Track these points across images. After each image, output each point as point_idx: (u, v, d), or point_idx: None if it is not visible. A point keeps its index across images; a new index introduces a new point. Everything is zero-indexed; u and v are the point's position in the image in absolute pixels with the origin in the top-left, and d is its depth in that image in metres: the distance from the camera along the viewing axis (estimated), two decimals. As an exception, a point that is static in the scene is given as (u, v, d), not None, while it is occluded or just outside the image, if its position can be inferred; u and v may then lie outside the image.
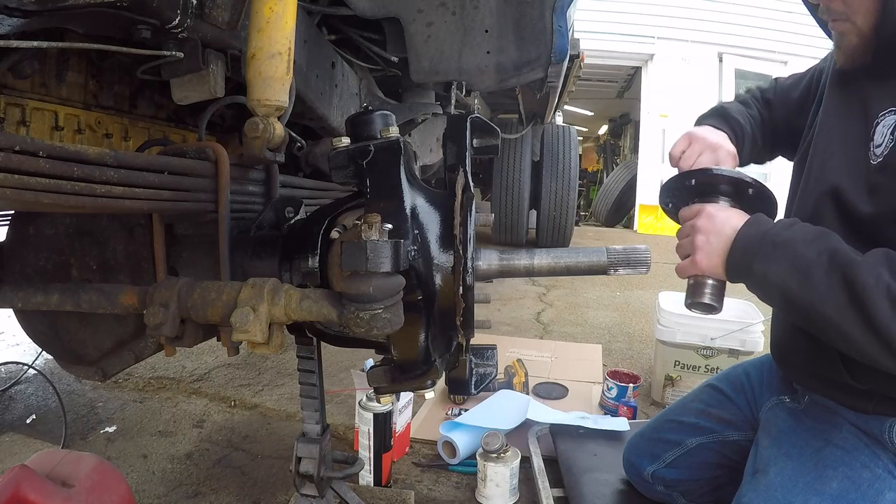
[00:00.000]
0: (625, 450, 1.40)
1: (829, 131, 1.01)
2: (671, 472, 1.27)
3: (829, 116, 1.02)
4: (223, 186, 0.87)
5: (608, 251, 0.81)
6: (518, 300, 3.90)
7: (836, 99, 1.02)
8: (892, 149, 0.85)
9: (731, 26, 9.23)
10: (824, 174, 0.97)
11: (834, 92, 1.03)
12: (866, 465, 0.91)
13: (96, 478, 0.98)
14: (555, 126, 5.74)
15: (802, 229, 0.82)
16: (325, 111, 1.39)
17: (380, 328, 0.69)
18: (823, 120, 1.03)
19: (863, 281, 0.73)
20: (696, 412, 1.28)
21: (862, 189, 0.89)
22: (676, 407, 1.38)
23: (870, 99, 0.93)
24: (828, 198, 0.94)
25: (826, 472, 0.92)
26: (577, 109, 13.21)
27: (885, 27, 0.85)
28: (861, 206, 0.88)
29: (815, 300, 0.77)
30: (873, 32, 0.87)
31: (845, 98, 0.99)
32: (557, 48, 1.53)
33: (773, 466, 0.98)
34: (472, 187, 0.81)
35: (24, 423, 1.83)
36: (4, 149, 0.54)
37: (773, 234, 0.82)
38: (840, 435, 0.96)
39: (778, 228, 0.83)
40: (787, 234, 0.81)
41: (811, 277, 0.77)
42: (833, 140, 0.98)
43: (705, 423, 1.25)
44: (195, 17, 0.83)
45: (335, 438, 1.78)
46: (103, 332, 0.98)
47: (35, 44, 0.70)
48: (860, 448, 0.93)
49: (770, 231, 0.82)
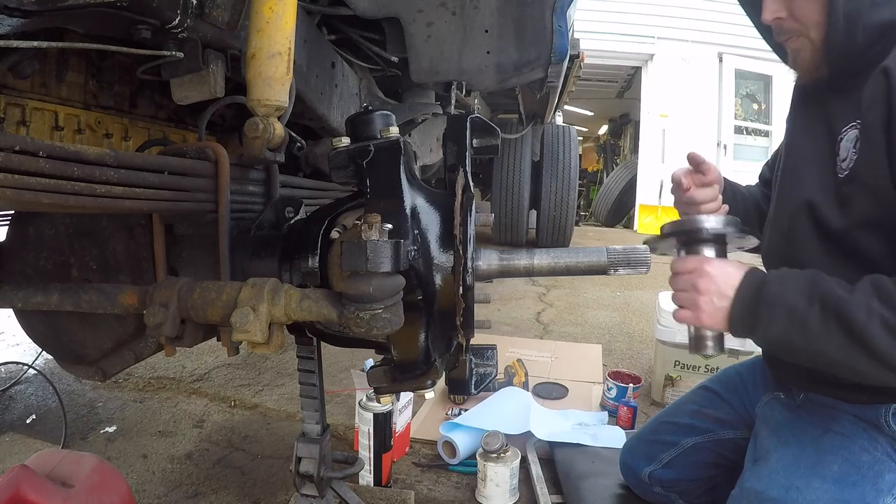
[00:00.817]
0: (621, 453, 1.41)
1: (798, 149, 1.05)
2: (668, 473, 1.29)
3: (797, 135, 1.07)
4: (223, 186, 0.87)
5: (608, 251, 0.82)
6: (518, 300, 3.90)
7: (802, 116, 1.07)
8: (856, 161, 0.90)
9: (731, 26, 9.22)
10: (797, 190, 1.01)
11: (799, 109, 1.08)
12: (865, 449, 0.93)
13: (96, 478, 0.98)
14: (555, 126, 5.74)
15: (793, 281, 0.85)
16: (325, 111, 1.39)
17: (380, 328, 0.69)
18: (792, 138, 1.08)
19: (856, 318, 0.77)
20: (690, 413, 1.30)
21: (833, 202, 0.94)
22: (671, 409, 1.40)
23: (832, 114, 0.97)
24: (802, 213, 0.99)
25: (826, 457, 0.94)
26: (577, 109, 13.20)
27: (833, 36, 0.89)
28: (833, 218, 0.93)
29: (818, 347, 0.81)
30: (825, 45, 0.92)
31: (809, 114, 1.04)
32: (557, 48, 1.53)
33: (774, 453, 1.00)
34: (472, 187, 0.81)
35: (24, 423, 1.83)
36: (4, 149, 0.54)
37: (768, 293, 0.85)
38: (839, 423, 0.98)
39: (771, 287, 0.85)
40: (778, 289, 0.84)
41: (809, 327, 0.81)
42: (802, 157, 1.03)
43: (700, 423, 1.27)
44: (195, 17, 0.83)
45: (335, 438, 1.78)
46: (103, 332, 0.98)
47: (35, 44, 0.70)
48: (859, 433, 0.95)
49: (764, 290, 0.85)
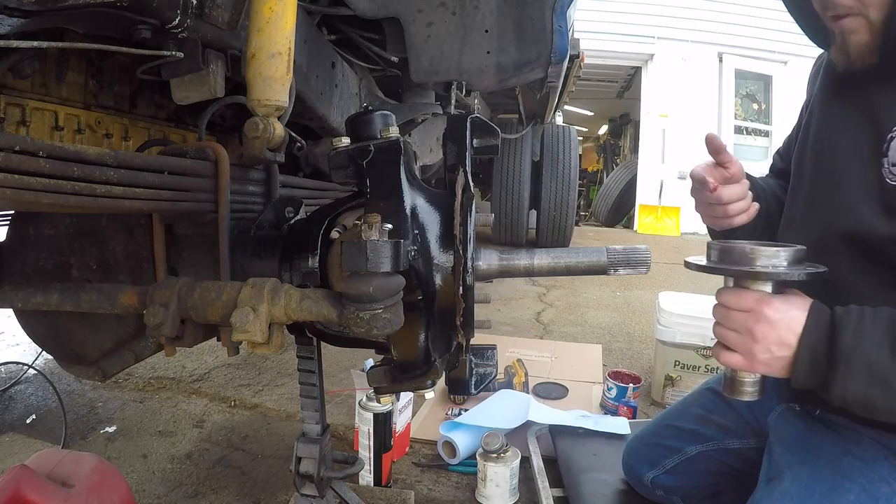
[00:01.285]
0: (624, 453, 1.39)
1: (834, 146, 0.93)
2: (670, 479, 1.26)
3: (831, 132, 0.94)
4: (223, 186, 0.87)
5: (608, 251, 0.81)
6: (518, 300, 3.90)
7: (837, 110, 0.94)
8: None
9: (731, 26, 9.24)
10: (834, 194, 0.91)
11: (832, 103, 0.96)
12: (885, 479, 0.87)
13: (96, 478, 0.98)
14: (555, 126, 5.75)
15: (870, 327, 0.74)
16: (325, 111, 1.39)
17: (380, 328, 0.69)
18: (824, 136, 0.96)
19: None
20: (695, 418, 1.24)
21: (878, 211, 0.84)
22: (676, 411, 1.33)
23: (878, 108, 0.86)
24: (840, 221, 0.88)
25: (844, 484, 0.88)
26: (577, 109, 13.21)
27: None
28: (879, 229, 0.83)
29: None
30: (884, 27, 0.81)
31: (847, 108, 0.92)
32: (557, 48, 1.53)
33: (789, 473, 0.93)
34: (472, 187, 0.81)
35: (24, 423, 1.83)
36: (4, 149, 0.54)
37: (842, 344, 0.74)
38: (859, 446, 0.91)
39: (845, 337, 0.74)
40: (853, 340, 0.74)
41: (892, 386, 0.72)
42: (841, 157, 0.91)
43: (705, 431, 1.22)
44: (195, 17, 0.83)
45: (335, 438, 1.78)
46: (103, 332, 0.98)
47: (35, 44, 0.70)
48: (880, 461, 0.89)
49: (837, 341, 0.75)
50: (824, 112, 0.98)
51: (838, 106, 0.94)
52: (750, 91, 9.69)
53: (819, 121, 0.98)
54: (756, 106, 9.76)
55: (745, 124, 9.58)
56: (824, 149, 0.95)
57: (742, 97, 9.61)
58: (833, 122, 0.95)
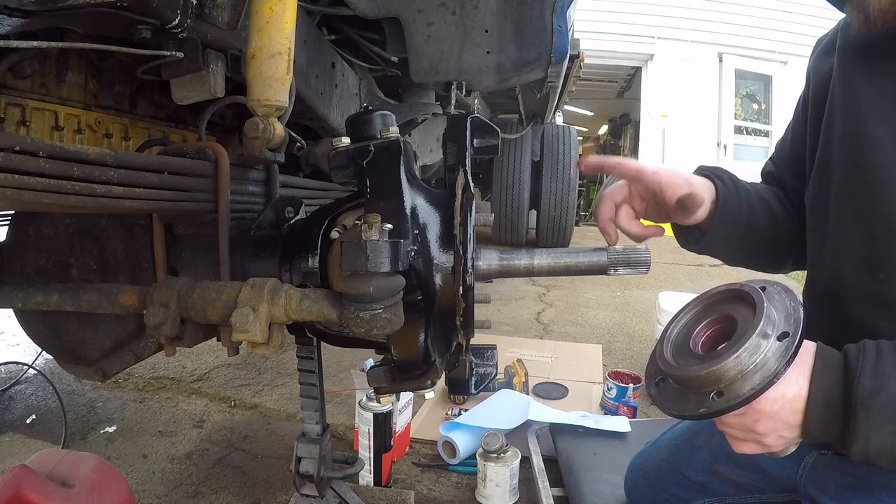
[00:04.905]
0: (625, 483, 1.33)
1: (879, 139, 0.75)
2: None
3: (862, 121, 0.77)
4: (223, 186, 0.87)
5: (608, 251, 0.81)
6: (518, 300, 3.89)
7: (872, 89, 0.75)
8: None
9: (731, 26, 9.24)
10: (890, 192, 0.73)
11: (856, 83, 0.78)
12: None
13: (96, 478, 0.98)
14: (555, 126, 5.74)
15: (893, 365, 0.63)
16: (325, 111, 1.39)
17: (380, 328, 0.69)
18: (853, 126, 0.78)
19: None
20: (703, 468, 1.10)
21: None
22: (682, 452, 1.17)
23: None
24: (886, 236, 0.74)
25: None
26: (577, 109, 13.21)
27: None
28: None
29: None
30: None
31: (880, 86, 0.75)
32: (557, 48, 1.53)
33: None
34: (472, 187, 0.81)
35: (24, 423, 1.83)
36: (4, 149, 0.54)
37: (861, 390, 0.62)
38: None
39: (863, 382, 0.63)
40: (873, 383, 0.63)
41: None
42: (887, 146, 0.73)
43: (714, 485, 1.08)
44: (195, 17, 0.83)
45: (335, 438, 1.78)
46: (103, 332, 0.98)
47: (35, 44, 0.70)
48: None
49: (855, 386, 0.63)
50: (849, 96, 0.79)
51: (872, 84, 0.76)
52: (750, 91, 9.68)
53: (846, 107, 0.80)
54: (756, 106, 9.75)
55: (745, 124, 9.57)
56: (864, 145, 0.77)
57: (742, 97, 9.61)
58: (868, 104, 0.76)
